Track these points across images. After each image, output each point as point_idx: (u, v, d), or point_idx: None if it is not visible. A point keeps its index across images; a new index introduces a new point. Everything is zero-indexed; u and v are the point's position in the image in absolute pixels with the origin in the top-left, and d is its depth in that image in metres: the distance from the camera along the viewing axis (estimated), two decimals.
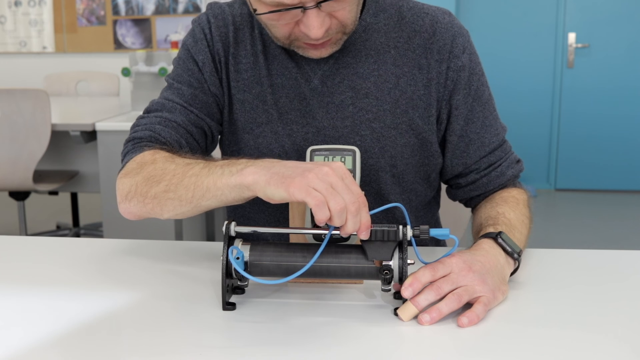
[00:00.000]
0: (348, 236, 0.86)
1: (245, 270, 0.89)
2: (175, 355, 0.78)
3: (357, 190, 0.84)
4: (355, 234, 0.85)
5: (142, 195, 0.99)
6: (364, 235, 0.85)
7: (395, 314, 0.88)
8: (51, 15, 5.17)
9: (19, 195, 3.14)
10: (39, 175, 3.01)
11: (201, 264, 1.08)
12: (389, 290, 0.90)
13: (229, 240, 0.89)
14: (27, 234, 3.38)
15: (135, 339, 0.83)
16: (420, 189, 1.21)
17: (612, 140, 4.89)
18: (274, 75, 1.15)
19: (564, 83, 4.93)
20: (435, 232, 0.90)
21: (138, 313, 0.90)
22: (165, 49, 4.94)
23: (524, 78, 4.95)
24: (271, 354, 0.78)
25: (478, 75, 1.16)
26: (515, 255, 0.98)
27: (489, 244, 0.98)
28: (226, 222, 0.90)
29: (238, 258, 0.88)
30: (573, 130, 4.95)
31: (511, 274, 0.99)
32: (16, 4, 5.19)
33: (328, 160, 0.97)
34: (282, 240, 1.03)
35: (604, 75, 4.85)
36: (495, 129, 1.18)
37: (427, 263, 0.92)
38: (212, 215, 3.33)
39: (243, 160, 0.91)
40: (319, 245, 0.88)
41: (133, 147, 1.11)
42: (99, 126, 2.77)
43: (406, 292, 0.86)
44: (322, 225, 0.84)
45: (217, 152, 1.24)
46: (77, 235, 3.72)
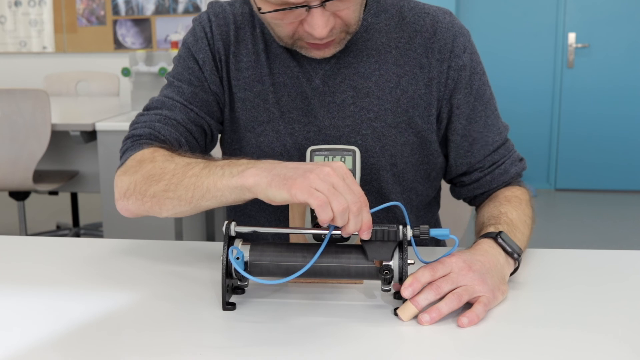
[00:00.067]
0: (348, 236, 0.86)
1: (245, 270, 0.89)
2: (175, 355, 0.78)
3: (358, 190, 0.84)
4: (355, 233, 0.85)
5: (140, 193, 0.99)
6: (366, 235, 0.85)
7: (395, 314, 0.88)
8: (51, 15, 5.17)
9: (19, 195, 3.14)
10: (39, 175, 3.01)
11: (201, 264, 1.08)
12: (389, 290, 0.90)
13: (229, 240, 0.89)
14: (27, 234, 3.38)
15: (135, 339, 0.83)
16: (420, 189, 1.21)
17: (612, 140, 4.89)
18: (276, 74, 1.15)
19: (564, 83, 4.93)
20: (435, 232, 0.90)
21: (138, 313, 0.90)
22: (165, 49, 4.94)
23: (524, 78, 4.95)
24: (271, 354, 0.78)
25: (479, 74, 1.16)
26: (515, 255, 0.98)
27: (489, 244, 0.98)
28: (226, 222, 0.90)
29: (238, 258, 0.88)
30: (573, 130, 4.95)
31: (511, 273, 0.99)
32: (16, 4, 5.19)
33: (328, 160, 0.97)
34: (282, 240, 1.03)
35: (604, 75, 4.85)
36: (497, 127, 1.18)
37: (427, 263, 0.92)
38: (212, 215, 3.33)
39: (244, 161, 0.91)
40: (319, 245, 0.88)
41: (132, 144, 1.10)
42: (99, 126, 2.77)
43: (406, 292, 0.86)
44: (325, 225, 0.84)
45: (216, 151, 1.24)
46: (77, 235, 3.72)
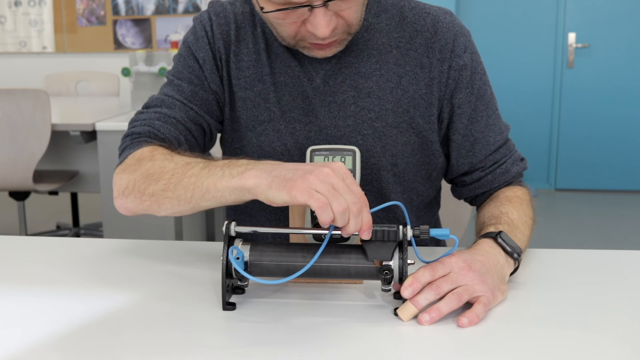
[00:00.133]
0: (348, 236, 0.86)
1: (245, 270, 0.89)
2: (175, 355, 0.78)
3: (358, 190, 0.84)
4: (355, 234, 0.85)
5: (139, 192, 0.99)
6: (366, 235, 0.85)
7: (395, 314, 0.88)
8: (51, 15, 5.17)
9: (19, 195, 3.14)
10: (39, 175, 3.01)
11: (201, 264, 1.08)
12: (389, 290, 0.90)
13: (229, 240, 0.89)
14: (27, 234, 3.38)
15: (135, 339, 0.83)
16: (421, 189, 1.21)
17: (612, 140, 4.89)
18: (277, 73, 1.15)
19: (564, 83, 4.93)
20: (435, 232, 0.90)
21: (138, 313, 0.90)
22: (165, 49, 4.94)
23: (524, 78, 4.95)
24: (271, 354, 0.78)
25: (480, 74, 1.16)
26: (515, 255, 0.98)
27: (489, 244, 0.98)
28: (226, 222, 0.90)
29: (238, 258, 0.88)
30: (573, 130, 4.94)
31: (511, 273, 0.99)
32: (16, 4, 5.19)
33: (328, 160, 0.97)
34: (282, 240, 1.03)
35: (604, 75, 4.85)
36: (498, 127, 1.18)
37: (427, 263, 0.92)
38: (212, 215, 3.33)
39: (243, 162, 0.91)
40: (319, 245, 0.88)
41: (131, 142, 1.10)
42: (99, 126, 2.77)
43: (406, 292, 0.86)
44: (326, 226, 0.84)
45: (215, 150, 1.24)
46: (77, 235, 3.72)
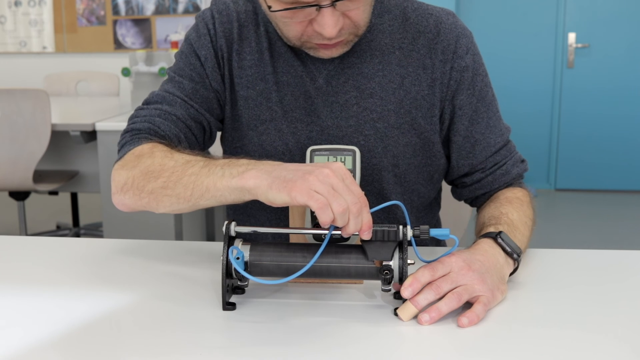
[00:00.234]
0: (348, 236, 0.86)
1: (246, 270, 0.89)
2: (175, 355, 0.78)
3: (357, 190, 0.84)
4: (356, 234, 0.85)
5: (138, 189, 0.99)
6: (366, 235, 0.85)
7: (395, 314, 0.88)
8: (51, 15, 5.17)
9: (19, 195, 3.14)
10: (39, 175, 3.00)
11: (201, 264, 1.08)
12: (389, 290, 0.90)
13: (229, 240, 0.89)
14: (27, 234, 3.38)
15: (135, 339, 0.83)
16: (422, 190, 1.21)
17: (612, 140, 4.89)
18: (279, 73, 1.15)
19: (564, 83, 4.93)
20: (435, 232, 0.90)
21: (138, 313, 0.90)
22: (165, 49, 4.94)
23: (524, 78, 4.95)
24: (271, 354, 0.78)
25: (482, 75, 1.16)
26: (515, 255, 0.98)
27: (489, 244, 0.98)
28: (226, 222, 0.90)
29: (238, 258, 0.88)
30: (573, 130, 4.95)
31: (510, 274, 0.99)
32: (16, 4, 5.19)
33: (328, 160, 0.97)
34: (282, 240, 1.03)
35: (604, 75, 4.85)
36: (499, 129, 1.18)
37: (427, 262, 0.92)
38: (212, 215, 3.33)
39: (244, 161, 0.91)
40: (319, 245, 0.88)
41: (131, 138, 1.10)
42: (99, 126, 2.77)
43: (406, 292, 0.86)
44: (326, 227, 0.84)
45: (215, 148, 1.24)
46: (77, 235, 3.72)
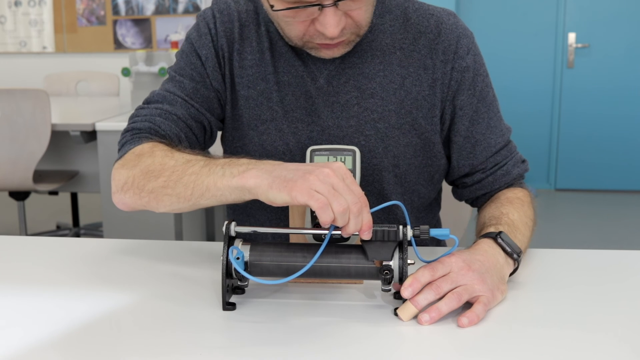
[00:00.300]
0: (348, 236, 0.86)
1: (246, 270, 0.89)
2: (175, 355, 0.78)
3: (358, 190, 0.84)
4: (356, 234, 0.85)
5: (138, 188, 0.99)
6: (366, 235, 0.85)
7: (395, 314, 0.88)
8: (51, 15, 5.17)
9: (19, 195, 3.14)
10: (39, 175, 3.00)
11: (201, 264, 1.08)
12: (389, 290, 0.90)
13: (229, 240, 0.89)
14: (27, 234, 3.38)
15: (135, 339, 0.83)
16: (422, 190, 1.21)
17: (612, 140, 4.89)
18: (280, 72, 1.15)
19: (564, 83, 4.93)
20: (435, 232, 0.90)
21: (138, 313, 0.90)
22: (165, 49, 4.94)
23: (524, 78, 4.95)
24: (271, 354, 0.78)
25: (482, 76, 1.16)
26: (515, 255, 0.98)
27: (488, 244, 0.98)
28: (226, 222, 0.90)
29: (238, 258, 0.88)
30: (573, 130, 4.94)
31: (510, 274, 0.99)
32: (16, 4, 5.19)
33: (328, 160, 0.97)
34: (282, 240, 1.03)
35: (604, 75, 4.85)
36: (500, 129, 1.18)
37: (427, 262, 0.92)
38: (212, 215, 3.33)
39: (244, 161, 0.91)
40: (319, 245, 0.88)
41: (132, 137, 1.10)
42: (99, 126, 2.77)
43: (406, 292, 0.86)
44: (327, 226, 0.84)
45: (215, 148, 1.24)
46: (77, 235, 3.72)
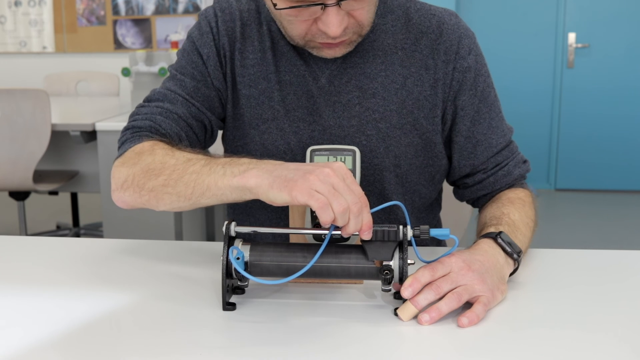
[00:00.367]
0: (348, 236, 0.86)
1: (246, 270, 0.89)
2: (175, 355, 0.78)
3: (358, 190, 0.84)
4: (356, 234, 0.85)
5: (138, 186, 0.99)
6: (366, 235, 0.85)
7: (395, 314, 0.88)
8: (51, 15, 5.17)
9: (19, 195, 3.14)
10: (39, 175, 3.00)
11: (201, 264, 1.08)
12: (389, 290, 0.90)
13: (229, 240, 0.89)
14: (27, 234, 3.38)
15: (135, 339, 0.83)
16: (423, 191, 1.21)
17: (612, 140, 4.89)
18: (282, 72, 1.15)
19: (564, 83, 4.93)
20: (435, 232, 0.90)
21: (138, 313, 0.90)
22: (165, 49, 4.94)
23: (524, 78, 4.95)
24: (271, 354, 0.78)
25: (484, 76, 1.16)
26: (515, 255, 0.98)
27: (488, 244, 0.98)
28: (226, 222, 0.90)
29: (238, 258, 0.88)
30: (573, 130, 4.95)
31: (510, 274, 0.99)
32: (16, 4, 5.19)
33: (328, 160, 0.97)
34: (282, 240, 1.03)
35: (604, 75, 4.85)
36: (501, 130, 1.18)
37: (427, 262, 0.92)
38: (212, 215, 3.33)
39: (245, 160, 0.91)
40: (319, 245, 0.88)
41: (132, 135, 1.10)
42: (99, 126, 2.77)
43: (406, 292, 0.86)
44: (327, 226, 0.84)
45: (214, 147, 1.24)
46: (77, 235, 3.72)
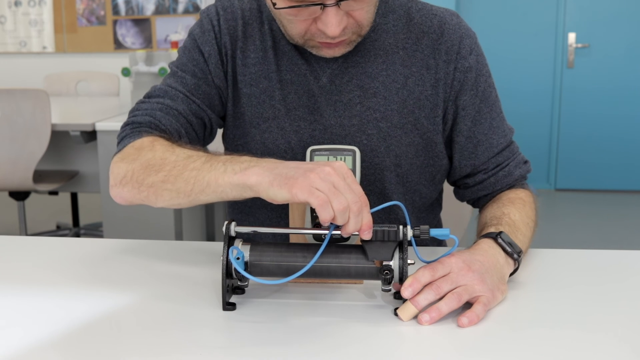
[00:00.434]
0: (348, 236, 0.86)
1: (246, 270, 0.89)
2: (175, 355, 0.78)
3: (358, 189, 0.84)
4: (356, 233, 0.85)
5: (137, 182, 0.99)
6: (366, 235, 0.85)
7: (395, 314, 0.88)
8: (51, 15, 5.17)
9: (19, 195, 3.14)
10: (39, 175, 3.00)
11: (201, 264, 1.08)
12: (389, 290, 0.90)
13: (229, 240, 0.89)
14: (27, 234, 3.38)
15: (135, 339, 0.83)
16: (424, 190, 1.21)
17: (612, 140, 4.89)
18: (283, 71, 1.15)
19: (564, 83, 4.93)
20: (435, 232, 0.90)
21: (138, 313, 0.90)
22: (165, 49, 4.94)
23: (524, 78, 4.95)
24: (271, 354, 0.78)
25: (485, 76, 1.16)
26: (515, 255, 0.98)
27: (489, 244, 0.98)
28: (226, 222, 0.90)
29: (238, 258, 0.88)
30: (573, 130, 4.95)
31: (511, 274, 0.99)
32: (16, 4, 5.19)
33: (328, 160, 0.97)
34: (282, 240, 1.03)
35: (604, 75, 4.85)
36: (502, 130, 1.18)
37: (427, 263, 0.92)
38: (212, 215, 3.33)
39: (245, 158, 0.91)
40: (319, 245, 0.88)
41: (132, 131, 1.10)
42: (99, 126, 2.77)
43: (406, 292, 0.86)
44: (327, 225, 0.84)
45: (215, 146, 1.23)
46: (77, 235, 3.72)
